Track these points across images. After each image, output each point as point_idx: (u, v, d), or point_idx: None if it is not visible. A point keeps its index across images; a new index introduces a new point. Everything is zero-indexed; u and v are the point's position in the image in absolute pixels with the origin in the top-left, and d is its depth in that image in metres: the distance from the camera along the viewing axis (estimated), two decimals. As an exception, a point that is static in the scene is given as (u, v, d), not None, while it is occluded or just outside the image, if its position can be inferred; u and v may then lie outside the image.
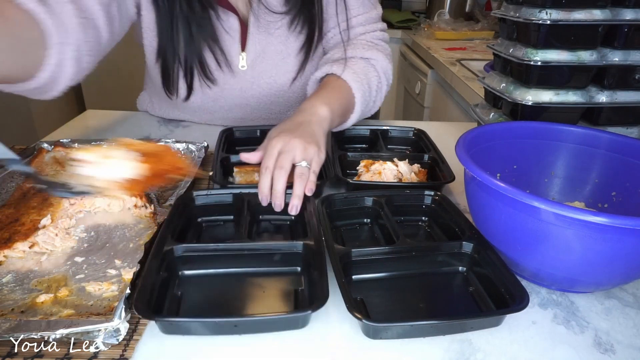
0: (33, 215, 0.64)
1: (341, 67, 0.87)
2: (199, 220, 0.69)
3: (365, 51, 0.92)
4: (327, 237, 0.59)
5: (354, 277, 0.58)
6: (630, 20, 0.71)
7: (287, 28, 0.94)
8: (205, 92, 0.97)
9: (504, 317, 0.51)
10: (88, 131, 1.03)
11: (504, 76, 0.84)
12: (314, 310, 0.48)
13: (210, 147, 0.88)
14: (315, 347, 0.49)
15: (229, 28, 0.92)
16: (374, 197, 0.68)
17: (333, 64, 0.88)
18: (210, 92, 0.97)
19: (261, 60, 0.95)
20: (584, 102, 0.77)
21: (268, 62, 0.96)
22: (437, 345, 0.49)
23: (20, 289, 0.54)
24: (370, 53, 0.92)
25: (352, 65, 0.89)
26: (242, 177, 0.78)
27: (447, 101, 1.83)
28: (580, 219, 0.47)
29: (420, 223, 0.70)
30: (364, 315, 0.48)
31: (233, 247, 0.58)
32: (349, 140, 0.95)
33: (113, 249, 0.62)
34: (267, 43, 0.94)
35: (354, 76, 0.86)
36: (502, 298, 0.52)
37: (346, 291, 0.50)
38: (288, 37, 0.95)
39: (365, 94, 0.88)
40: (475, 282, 0.57)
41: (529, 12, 0.73)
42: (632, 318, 0.54)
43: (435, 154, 0.84)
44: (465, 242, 0.59)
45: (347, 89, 0.85)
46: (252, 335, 0.50)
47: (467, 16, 2.46)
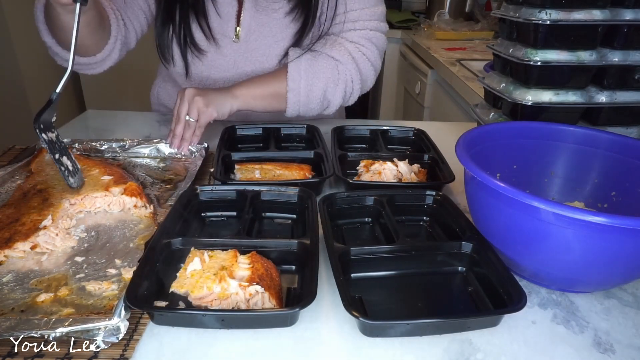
0: (33, 215, 0.64)
1: (295, 55, 0.94)
2: (202, 216, 0.70)
3: (335, 51, 0.95)
4: (327, 235, 0.59)
5: (352, 275, 0.58)
6: (630, 20, 0.71)
7: (284, 15, 0.97)
8: (197, 65, 1.00)
9: (502, 317, 0.51)
10: (88, 131, 1.03)
11: (503, 76, 0.84)
12: (302, 307, 0.48)
13: (212, 146, 0.89)
14: (315, 345, 0.49)
15: (227, 3, 0.96)
16: (375, 197, 0.69)
17: (296, 51, 0.95)
18: (204, 64, 1.00)
19: (255, 38, 0.98)
20: (583, 102, 0.77)
21: (262, 41, 0.98)
22: (436, 345, 0.49)
23: (20, 288, 0.54)
24: (340, 54, 0.95)
25: (309, 59, 0.93)
26: (243, 174, 0.79)
27: (447, 101, 1.83)
28: (580, 219, 0.47)
29: (421, 223, 0.70)
30: (361, 314, 0.48)
31: (230, 243, 0.59)
32: (349, 140, 0.95)
33: (113, 248, 0.62)
34: (263, 23, 0.97)
35: (297, 69, 0.93)
36: (500, 298, 0.52)
37: (344, 289, 0.50)
38: (285, 23, 0.97)
39: (303, 88, 0.93)
40: (474, 282, 0.57)
41: (529, 12, 0.73)
42: (631, 318, 0.54)
43: (435, 154, 0.84)
44: (465, 242, 0.59)
45: (284, 78, 0.93)
46: (251, 335, 0.50)
47: (467, 16, 2.46)
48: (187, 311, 0.49)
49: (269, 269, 0.54)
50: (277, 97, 0.95)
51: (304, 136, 0.96)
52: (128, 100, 2.51)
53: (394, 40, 2.45)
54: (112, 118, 1.10)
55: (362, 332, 0.50)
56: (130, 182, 0.72)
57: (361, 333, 0.50)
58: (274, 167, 0.78)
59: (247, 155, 0.84)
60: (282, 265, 0.58)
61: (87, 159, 0.81)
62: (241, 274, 0.53)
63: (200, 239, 0.60)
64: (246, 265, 0.54)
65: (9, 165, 0.80)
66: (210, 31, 0.97)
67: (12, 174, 0.78)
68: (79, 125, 1.06)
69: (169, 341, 0.49)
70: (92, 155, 0.87)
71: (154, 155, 0.89)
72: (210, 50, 0.98)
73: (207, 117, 0.88)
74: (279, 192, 0.69)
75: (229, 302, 0.51)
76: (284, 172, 0.78)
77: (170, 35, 0.97)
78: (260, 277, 0.52)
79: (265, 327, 0.50)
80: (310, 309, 0.51)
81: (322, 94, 0.94)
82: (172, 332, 0.50)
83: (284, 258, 0.59)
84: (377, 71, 1.01)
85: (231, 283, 0.51)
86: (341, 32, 0.97)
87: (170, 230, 0.60)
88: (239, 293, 0.51)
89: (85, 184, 0.72)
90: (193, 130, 0.88)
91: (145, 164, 0.86)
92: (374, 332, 0.49)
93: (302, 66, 0.93)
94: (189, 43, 0.97)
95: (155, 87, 1.18)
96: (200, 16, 0.96)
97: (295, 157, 0.84)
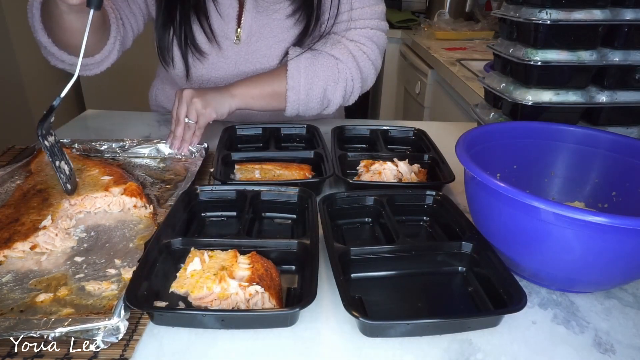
0: (33, 216, 0.64)
1: (295, 54, 0.94)
2: (202, 216, 0.69)
3: (336, 50, 0.94)
4: (327, 235, 0.59)
5: (353, 275, 0.58)
6: (630, 20, 0.71)
7: (286, 17, 0.96)
8: (198, 67, 0.99)
9: (502, 317, 0.51)
10: (88, 131, 1.03)
11: (504, 76, 0.84)
12: (302, 307, 0.48)
13: (212, 146, 0.89)
14: (315, 345, 0.49)
15: (228, 5, 0.95)
16: (376, 197, 0.69)
17: (296, 50, 0.95)
18: (205, 67, 0.99)
19: (256, 39, 0.98)
20: (584, 102, 0.77)
21: (263, 42, 0.98)
22: (437, 345, 0.49)
23: (19, 288, 0.54)
24: (340, 53, 0.94)
25: (309, 57, 0.93)
26: (243, 174, 0.79)
27: (447, 101, 1.83)
28: (580, 219, 0.47)
29: (421, 223, 0.70)
30: (362, 314, 0.48)
31: (230, 243, 0.59)
32: (349, 140, 0.95)
33: (113, 248, 0.62)
34: (264, 25, 0.97)
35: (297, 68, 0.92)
36: (500, 298, 0.52)
37: (344, 289, 0.50)
38: (286, 25, 0.97)
39: (303, 87, 0.93)
40: (475, 282, 0.57)
41: (529, 12, 0.73)
42: (632, 318, 0.54)
43: (435, 154, 0.84)
44: (465, 242, 0.59)
45: (283, 77, 0.93)
46: (252, 335, 0.50)
47: (467, 16, 2.46)
48: (187, 311, 0.49)
49: (269, 269, 0.54)
50: (276, 96, 0.94)
51: (304, 136, 0.96)
52: (128, 100, 2.51)
53: (394, 40, 2.45)
54: (112, 118, 1.10)
55: (362, 332, 0.50)
56: (130, 182, 0.72)
57: (361, 333, 0.50)
58: (274, 167, 0.78)
59: (247, 155, 0.84)
60: (282, 266, 0.58)
61: (87, 159, 0.81)
62: (241, 274, 0.53)
63: (200, 239, 0.60)
64: (246, 266, 0.53)
65: (8, 166, 0.80)
66: (212, 32, 0.96)
67: (11, 174, 0.78)
68: (78, 125, 1.06)
69: (168, 341, 0.49)
70: (91, 155, 0.87)
71: (154, 155, 0.89)
72: (212, 52, 0.98)
73: (206, 119, 0.88)
74: (279, 192, 0.69)
75: (229, 302, 0.50)
76: (284, 172, 0.78)
77: (170, 37, 0.96)
78: (260, 277, 0.52)
79: (265, 327, 0.50)
80: (310, 309, 0.51)
81: (322, 93, 0.94)
82: (172, 332, 0.50)
83: (284, 258, 0.59)
84: (377, 70, 1.01)
85: (231, 283, 0.51)
86: (343, 30, 0.97)
87: (170, 231, 0.60)
88: (239, 293, 0.50)
89: (85, 184, 0.72)
90: (193, 132, 0.88)
91: (145, 164, 0.86)
92: (374, 332, 0.49)
93: (302, 64, 0.92)
94: (189, 45, 0.97)
95: (153, 89, 1.17)
96: (201, 17, 0.95)
97: (295, 157, 0.84)
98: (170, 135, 0.89)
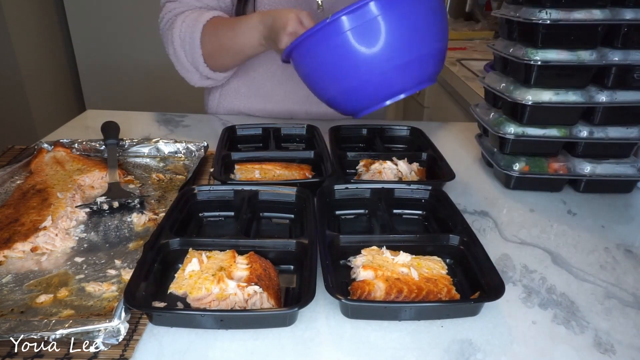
0: (33, 216, 0.64)
1: None
2: (200, 216, 0.69)
3: None
4: (319, 223, 0.60)
5: (341, 262, 0.60)
6: (630, 20, 0.71)
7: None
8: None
9: (481, 305, 0.52)
10: (88, 131, 1.03)
11: (504, 76, 0.84)
12: (301, 307, 0.48)
13: (212, 146, 0.89)
14: (314, 345, 0.49)
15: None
16: (373, 190, 0.70)
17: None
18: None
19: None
20: (583, 102, 0.77)
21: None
22: (437, 345, 0.49)
23: (19, 289, 0.54)
24: None
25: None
26: (243, 174, 0.78)
27: (447, 101, 1.83)
28: None
29: (416, 217, 0.72)
30: (345, 297, 0.49)
31: (228, 243, 0.59)
32: (346, 140, 0.95)
33: (113, 249, 0.62)
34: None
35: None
36: (482, 289, 0.54)
37: (328, 272, 0.52)
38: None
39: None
40: (459, 274, 0.59)
41: (529, 12, 0.73)
42: (632, 318, 0.54)
43: (432, 152, 0.85)
44: (452, 235, 0.61)
45: None
46: (251, 335, 0.50)
47: (467, 16, 2.46)
48: (186, 311, 0.49)
49: (268, 269, 0.54)
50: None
51: (304, 136, 0.96)
52: (128, 100, 2.51)
53: (394, 40, 2.44)
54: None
55: (344, 315, 0.51)
56: (130, 177, 0.72)
57: (343, 316, 0.51)
58: (273, 167, 0.78)
59: (247, 155, 0.84)
60: (281, 265, 0.58)
61: (87, 159, 0.81)
62: (239, 275, 0.53)
63: (198, 239, 0.60)
64: (244, 266, 0.53)
65: (8, 166, 0.80)
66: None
67: (11, 174, 0.78)
68: (78, 125, 1.06)
69: (168, 342, 0.49)
70: (92, 155, 0.87)
71: (154, 154, 0.89)
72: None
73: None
74: (277, 192, 0.69)
75: (227, 303, 0.50)
76: (283, 172, 0.78)
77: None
78: (258, 277, 0.52)
79: (264, 327, 0.50)
80: (309, 308, 0.51)
81: None
82: (171, 332, 0.50)
83: (283, 258, 0.59)
84: None
85: (229, 284, 0.51)
86: None
87: (168, 231, 0.59)
88: (238, 293, 0.50)
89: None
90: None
91: (145, 164, 0.86)
92: (354, 313, 0.51)
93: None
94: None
95: (214, 98, 1.16)
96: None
97: (295, 157, 0.84)
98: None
